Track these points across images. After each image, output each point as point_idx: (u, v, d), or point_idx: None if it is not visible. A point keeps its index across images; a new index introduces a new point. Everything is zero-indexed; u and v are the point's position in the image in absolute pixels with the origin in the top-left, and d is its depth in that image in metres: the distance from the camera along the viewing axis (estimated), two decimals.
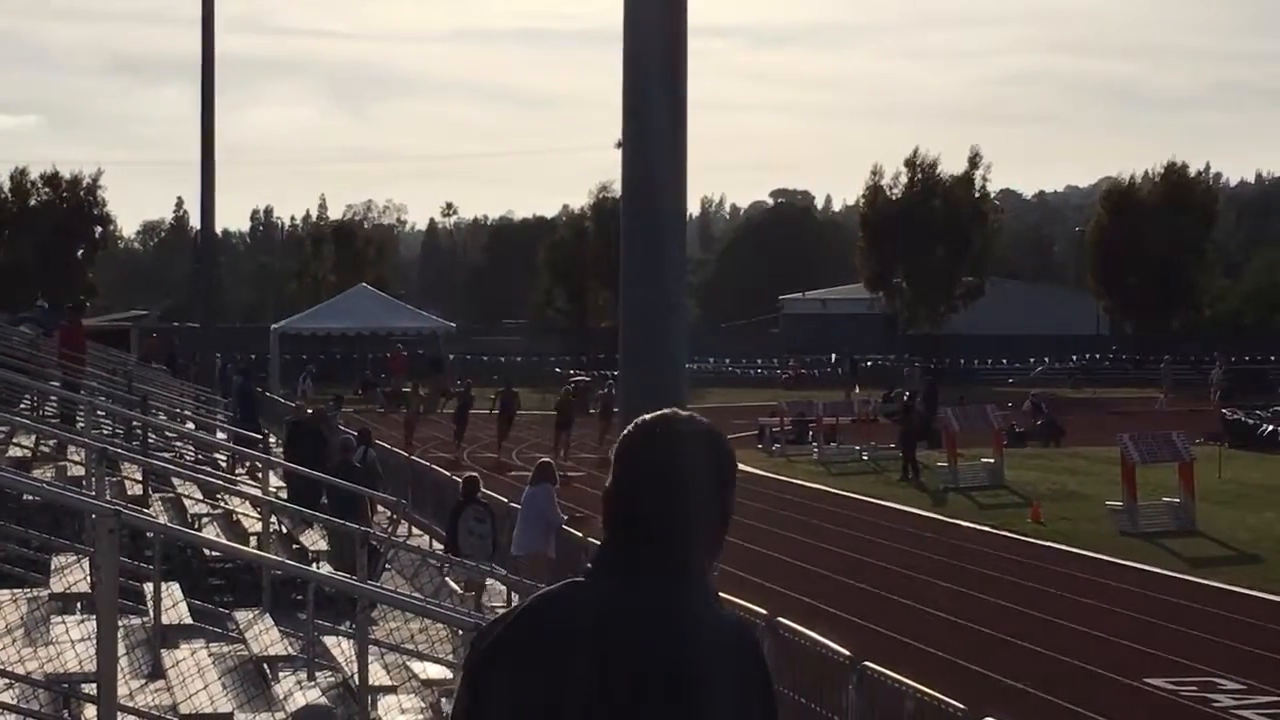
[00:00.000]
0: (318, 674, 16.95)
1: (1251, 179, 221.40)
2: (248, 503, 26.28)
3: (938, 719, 15.48)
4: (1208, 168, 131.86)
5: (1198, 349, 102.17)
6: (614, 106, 11.72)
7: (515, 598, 26.81)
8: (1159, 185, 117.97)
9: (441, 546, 30.50)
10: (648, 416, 4.83)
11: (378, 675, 16.36)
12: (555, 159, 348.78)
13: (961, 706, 15.08)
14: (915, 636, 26.77)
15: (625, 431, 4.82)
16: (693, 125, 11.66)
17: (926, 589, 32.08)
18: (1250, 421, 63.32)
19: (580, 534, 26.74)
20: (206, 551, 22.51)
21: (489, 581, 25.73)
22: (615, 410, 36.07)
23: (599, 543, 4.77)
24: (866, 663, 17.11)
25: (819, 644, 18.58)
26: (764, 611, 19.97)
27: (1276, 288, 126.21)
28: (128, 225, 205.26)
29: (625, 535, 4.74)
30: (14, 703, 12.96)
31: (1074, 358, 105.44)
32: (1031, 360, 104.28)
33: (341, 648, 17.07)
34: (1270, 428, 61.81)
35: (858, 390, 78.61)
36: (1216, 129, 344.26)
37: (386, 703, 15.86)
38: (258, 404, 46.24)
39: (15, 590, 17.95)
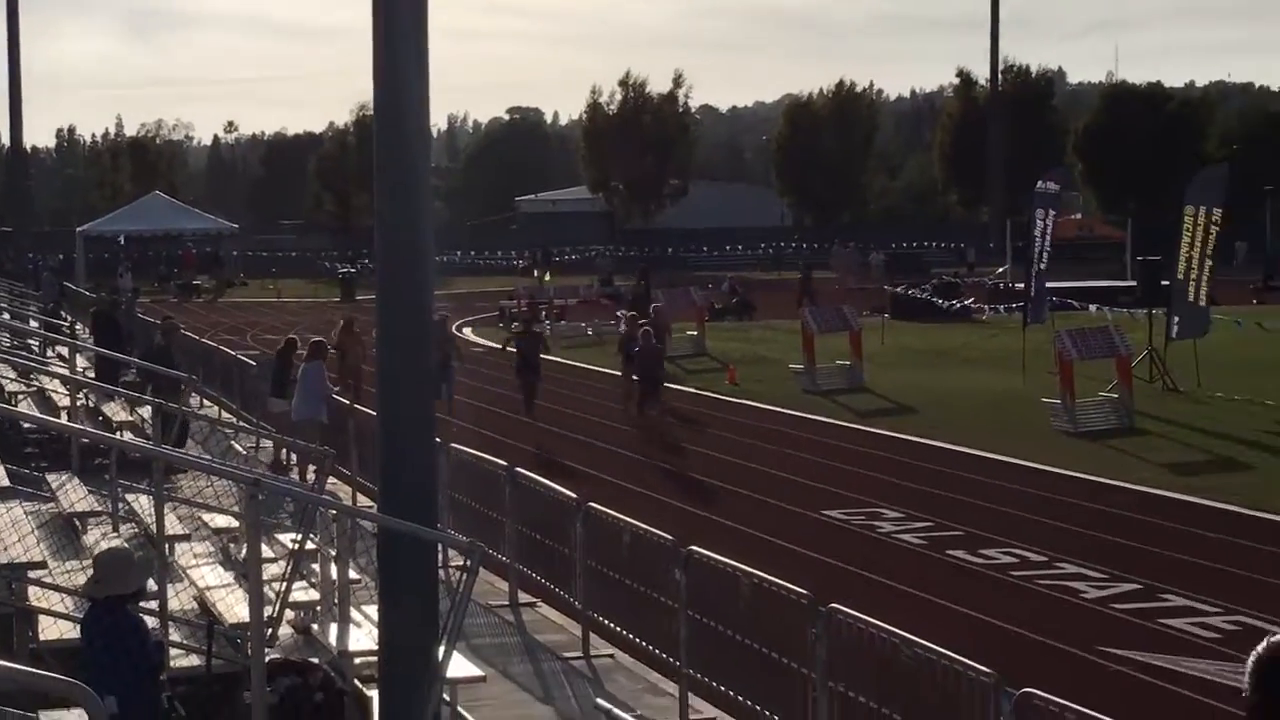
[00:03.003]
0: (121, 526, 16.70)
1: (908, 94, 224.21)
2: (58, 381, 25.81)
3: (650, 549, 15.61)
4: (871, 85, 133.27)
5: (864, 237, 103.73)
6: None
7: (293, 457, 26.70)
8: (831, 101, 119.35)
9: (230, 415, 30.87)
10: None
11: (174, 526, 16.18)
12: (322, 82, 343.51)
13: (670, 538, 15.22)
14: (635, 483, 26.97)
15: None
16: (439, 52, 11.55)
17: (643, 443, 32.34)
18: (916, 296, 64.31)
19: (347, 401, 26.52)
20: (22, 424, 22.04)
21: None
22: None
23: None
24: (591, 504, 17.22)
25: (551, 489, 18.66)
26: (503, 462, 20.00)
27: (928, 186, 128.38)
28: None
29: None
30: None
31: (762, 246, 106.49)
32: (728, 248, 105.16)
33: (141, 503, 16.82)
34: (955, 303, 62.81)
35: (549, 277, 78.69)
36: (879, 53, 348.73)
37: (181, 548, 15.68)
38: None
39: None
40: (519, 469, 19.71)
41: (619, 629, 16.52)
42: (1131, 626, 17.69)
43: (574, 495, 17.78)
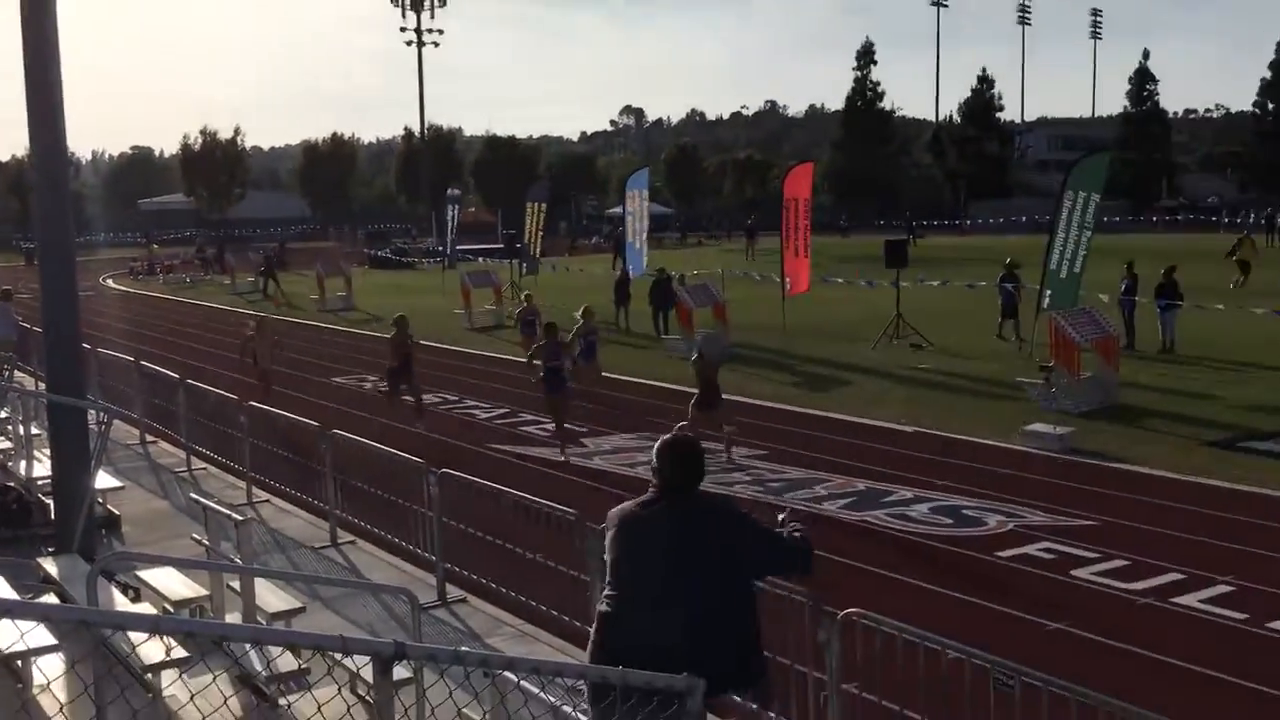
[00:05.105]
0: None
1: (376, 141, 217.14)
2: None
3: (229, 406, 14.84)
4: (354, 135, 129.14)
5: (354, 223, 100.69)
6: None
7: None
8: (330, 143, 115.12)
9: None
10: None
11: None
12: (8, 122, 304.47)
13: (235, 397, 14.48)
14: (246, 393, 25.41)
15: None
16: (85, 106, 10.53)
17: (242, 364, 30.45)
18: (387, 255, 63.07)
19: (29, 325, 23.81)
20: None
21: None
22: None
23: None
24: (189, 380, 16.18)
25: (161, 372, 17.44)
26: (131, 358, 18.49)
27: (390, 193, 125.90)
28: None
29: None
30: None
31: (293, 228, 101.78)
32: (272, 230, 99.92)
33: None
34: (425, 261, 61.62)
35: (156, 247, 73.38)
36: (360, 114, 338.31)
37: None
38: None
39: None
40: (143, 362, 18.31)
41: (210, 452, 15.69)
42: (503, 432, 18.09)
43: (177, 375, 16.65)
